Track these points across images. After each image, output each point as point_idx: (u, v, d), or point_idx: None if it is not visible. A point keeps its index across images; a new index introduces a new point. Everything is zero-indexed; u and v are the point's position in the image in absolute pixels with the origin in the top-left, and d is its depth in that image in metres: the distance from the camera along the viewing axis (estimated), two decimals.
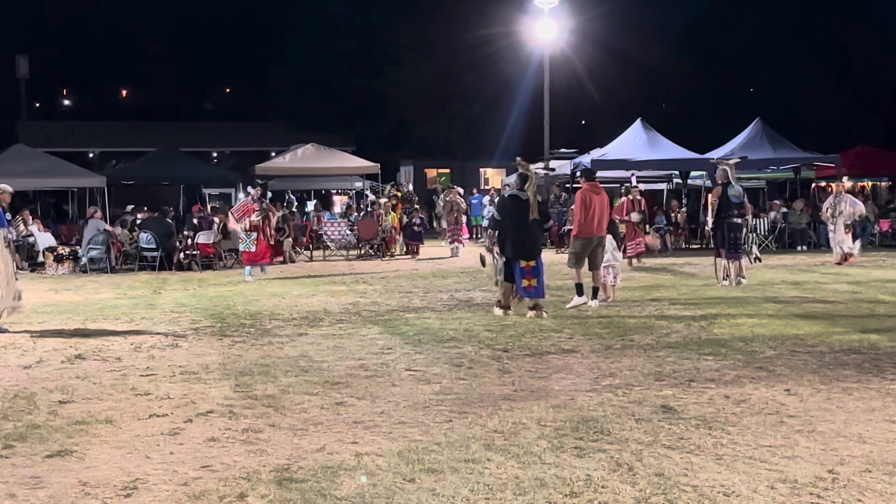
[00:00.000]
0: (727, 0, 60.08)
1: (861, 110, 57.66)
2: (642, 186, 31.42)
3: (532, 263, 13.80)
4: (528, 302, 13.88)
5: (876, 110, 59.50)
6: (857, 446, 6.77)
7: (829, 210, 22.72)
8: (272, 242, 21.76)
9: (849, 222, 22.41)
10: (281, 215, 25.95)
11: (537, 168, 14.73)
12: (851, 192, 26.60)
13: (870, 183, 37.03)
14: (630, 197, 23.74)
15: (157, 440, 7.26)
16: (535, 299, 13.81)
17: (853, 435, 7.06)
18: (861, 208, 23.51)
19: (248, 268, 20.87)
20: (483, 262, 15.58)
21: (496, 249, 14.47)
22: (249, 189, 22.05)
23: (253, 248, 20.70)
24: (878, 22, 63.08)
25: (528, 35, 36.67)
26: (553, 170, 31.19)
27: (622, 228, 22.00)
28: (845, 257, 22.05)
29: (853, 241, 22.61)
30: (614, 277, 15.67)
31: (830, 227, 22.72)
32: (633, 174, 29.31)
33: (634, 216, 23.14)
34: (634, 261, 22.61)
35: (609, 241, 15.57)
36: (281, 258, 25.05)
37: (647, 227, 24.32)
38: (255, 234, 20.66)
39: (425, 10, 54.02)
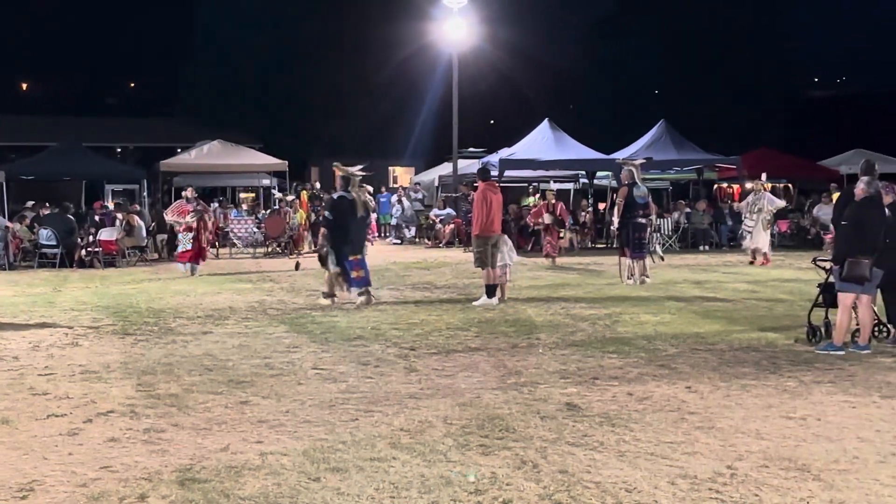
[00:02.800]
0: (631, 4, 60.99)
1: (762, 113, 59.01)
2: (546, 186, 31.75)
3: (359, 256, 15.12)
4: (356, 291, 14.98)
5: (776, 114, 61.00)
6: (754, 442, 6.92)
7: (749, 207, 23.02)
8: (205, 244, 21.63)
9: (769, 219, 22.76)
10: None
11: (355, 169, 15.54)
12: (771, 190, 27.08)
13: (769, 185, 37.84)
14: (546, 200, 24.01)
15: (55, 441, 7.10)
16: (364, 287, 15.02)
17: (751, 431, 7.23)
18: (780, 203, 23.99)
19: (181, 264, 20.97)
20: (302, 265, 16.00)
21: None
22: (184, 192, 22.31)
23: (189, 248, 20.73)
24: (779, 29, 64.75)
25: (438, 34, 36.72)
26: (368, 171, 31.13)
27: (538, 228, 22.40)
28: (763, 257, 22.34)
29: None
30: (507, 276, 15.76)
31: (749, 224, 22.95)
32: (552, 180, 29.60)
33: (546, 217, 23.38)
34: (556, 260, 22.84)
35: (504, 240, 15.70)
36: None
37: (562, 229, 24.57)
38: (191, 234, 20.72)
39: (334, 7, 53.75)
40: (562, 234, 24.41)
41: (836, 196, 20.45)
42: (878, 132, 52.08)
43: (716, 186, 36.30)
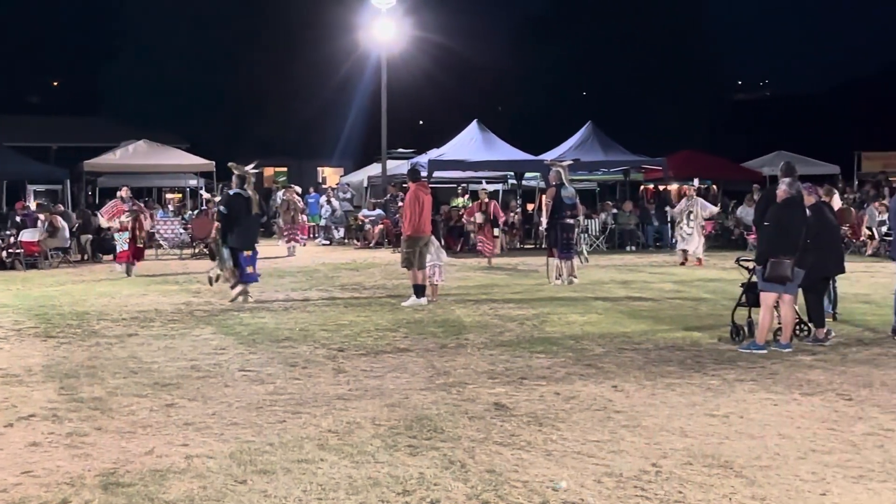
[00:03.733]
0: (560, 6, 61.45)
1: (688, 116, 59.80)
2: (475, 187, 31.89)
3: (250, 252, 15.71)
4: (239, 286, 15.55)
5: (701, 116, 61.87)
6: (679, 440, 7.02)
7: (683, 213, 23.29)
8: (140, 244, 21.36)
9: (702, 224, 23.06)
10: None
11: (250, 168, 15.90)
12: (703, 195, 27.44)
13: (686, 188, 38.35)
14: (479, 200, 24.15)
15: None
16: (248, 284, 15.64)
17: (675, 429, 7.32)
18: (713, 210, 24.33)
19: (118, 265, 20.87)
20: (212, 258, 16.47)
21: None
22: (119, 192, 22.12)
23: (125, 248, 20.65)
24: (704, 33, 65.71)
25: (366, 34, 36.64)
26: (261, 169, 31.06)
27: (470, 228, 22.55)
28: (697, 261, 22.61)
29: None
30: (438, 276, 15.79)
31: (687, 230, 23.20)
32: (482, 179, 29.70)
33: (478, 217, 23.49)
34: (488, 261, 22.93)
35: (433, 240, 15.74)
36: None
37: (495, 228, 24.67)
38: (126, 235, 20.62)
39: (261, 6, 53.32)
40: (496, 233, 24.52)
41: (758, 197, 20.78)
42: (799, 134, 53.14)
43: (642, 187, 36.76)
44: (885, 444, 6.87)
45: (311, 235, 34.33)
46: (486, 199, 24.38)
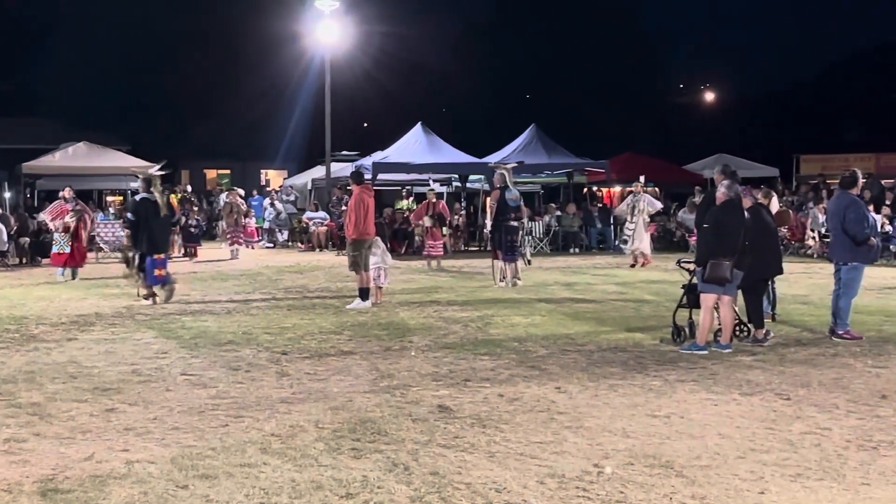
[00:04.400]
0: (502, 10, 61.71)
1: (630, 119, 60.39)
2: (420, 189, 31.89)
3: (161, 255, 15.83)
4: (158, 288, 15.70)
5: (644, 119, 62.48)
6: (621, 440, 7.08)
7: (628, 209, 23.46)
8: (86, 245, 21.09)
9: (647, 220, 23.22)
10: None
11: (154, 170, 16.03)
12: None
13: (632, 186, 38.69)
14: (426, 200, 24.18)
15: None
16: (169, 285, 15.84)
17: (618, 430, 7.38)
18: (658, 206, 24.54)
19: (60, 269, 20.34)
20: (127, 265, 16.42)
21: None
22: (62, 192, 21.92)
23: (67, 250, 20.25)
24: (647, 40, 66.35)
25: (310, 36, 36.50)
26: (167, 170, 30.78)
27: (418, 231, 22.59)
28: (644, 257, 22.80)
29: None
30: (383, 279, 15.77)
31: (630, 227, 23.36)
32: (429, 178, 29.72)
33: (426, 220, 23.51)
34: (433, 263, 22.93)
35: (377, 242, 15.72)
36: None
37: (444, 229, 24.69)
38: (69, 236, 20.26)
39: (204, 7, 52.92)
40: (444, 233, 24.54)
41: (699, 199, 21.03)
42: (740, 137, 53.83)
43: (585, 189, 37.00)
44: (822, 443, 6.98)
45: (257, 238, 34.13)
46: (434, 200, 24.40)
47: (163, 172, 16.23)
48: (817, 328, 12.48)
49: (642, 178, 23.95)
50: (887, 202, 27.21)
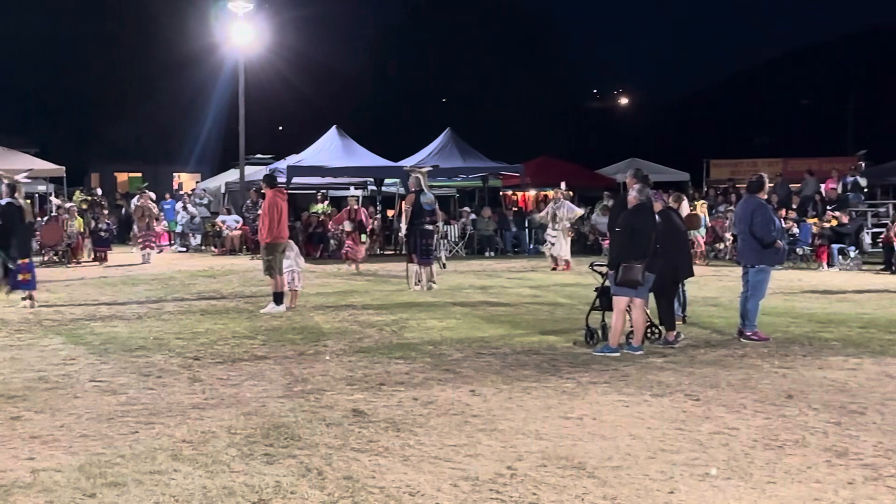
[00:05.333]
0: (416, 15, 61.81)
1: (545, 123, 60.92)
2: (336, 193, 31.79)
3: (27, 261, 15.68)
4: (21, 294, 15.70)
5: (558, 124, 63.10)
6: (534, 442, 7.13)
7: (549, 215, 23.71)
8: None
9: (568, 226, 23.43)
10: None
11: (20, 177, 16.05)
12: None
13: (552, 192, 39.06)
14: (348, 207, 24.13)
15: None
16: (28, 292, 15.72)
17: (531, 432, 7.43)
18: (578, 212, 24.79)
19: None
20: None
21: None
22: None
23: None
24: (562, 45, 66.96)
25: (223, 38, 36.11)
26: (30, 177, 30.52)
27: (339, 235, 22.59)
28: (565, 263, 22.96)
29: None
30: (297, 282, 15.68)
31: (552, 233, 23.60)
32: (352, 187, 29.63)
33: (347, 225, 23.46)
34: (356, 266, 22.87)
35: (290, 246, 15.63)
36: None
37: (363, 235, 24.64)
38: None
39: (115, 7, 52.00)
40: (363, 240, 24.50)
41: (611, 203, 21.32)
42: (652, 142, 54.67)
43: (501, 193, 37.23)
44: (730, 443, 7.11)
45: (169, 242, 33.66)
46: (356, 206, 24.37)
47: (28, 180, 16.00)
48: (726, 330, 12.71)
49: (563, 185, 24.19)
50: (794, 206, 27.85)
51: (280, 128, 58.69)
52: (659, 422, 7.75)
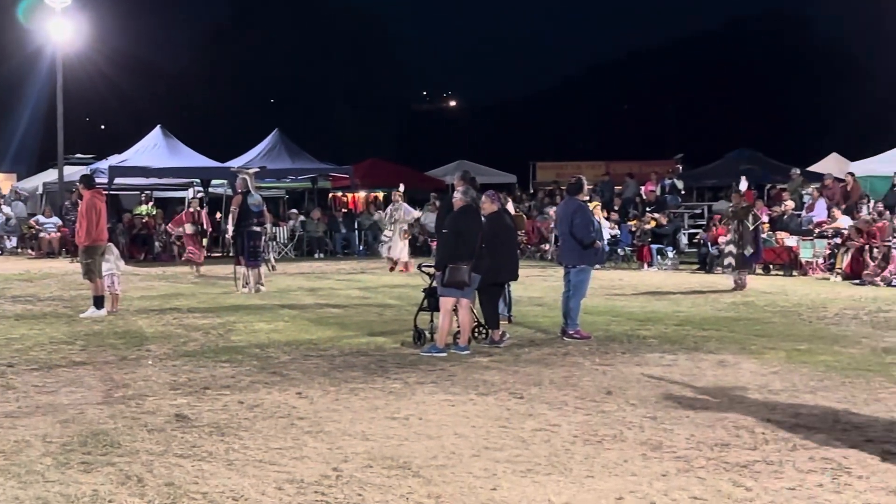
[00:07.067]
0: (240, 14, 61.06)
1: (375, 125, 61.08)
2: (161, 194, 31.09)
3: None
4: None
5: (389, 126, 63.37)
6: (360, 443, 7.13)
7: (387, 217, 23.77)
8: None
9: (405, 228, 23.48)
10: None
11: None
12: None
13: (382, 193, 39.12)
14: (190, 209, 23.66)
15: None
16: None
17: (357, 433, 7.44)
18: (416, 214, 24.91)
19: None
20: None
21: None
22: None
23: None
24: (391, 47, 67.23)
25: (41, 34, 34.82)
26: None
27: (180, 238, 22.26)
28: (403, 266, 22.97)
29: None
30: (117, 285, 15.26)
31: (388, 234, 23.63)
32: (196, 188, 28.99)
33: (188, 227, 22.99)
34: (197, 270, 22.42)
35: (111, 248, 15.22)
36: None
37: (204, 238, 24.19)
38: None
39: None
40: (204, 243, 24.07)
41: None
42: (480, 145, 55.51)
43: (330, 195, 37.13)
44: (552, 439, 7.28)
45: None
46: (198, 208, 23.90)
47: None
48: (550, 329, 12.99)
49: (402, 187, 24.29)
50: (615, 208, 28.72)
51: (102, 127, 56.94)
52: (484, 420, 7.87)
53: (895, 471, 6.36)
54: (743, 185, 19.87)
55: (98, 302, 14.64)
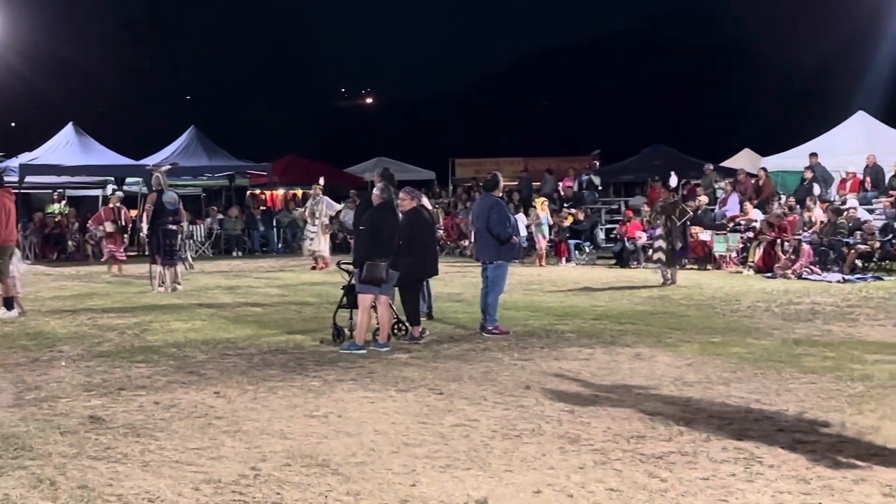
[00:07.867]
0: (156, 9, 60.21)
1: (293, 122, 60.68)
2: (73, 192, 30.53)
3: None
4: None
5: (306, 123, 62.98)
6: (278, 442, 7.09)
7: (308, 212, 23.63)
8: None
9: (327, 222, 23.35)
10: None
11: None
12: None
13: (301, 191, 38.88)
14: (110, 206, 23.28)
15: None
16: None
17: (276, 431, 7.39)
18: (338, 207, 24.83)
19: None
20: None
21: None
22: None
23: None
24: (309, 43, 66.78)
25: None
26: None
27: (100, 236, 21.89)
28: (323, 261, 22.82)
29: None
30: (18, 287, 14.93)
31: (312, 229, 23.48)
32: (109, 185, 28.45)
33: (108, 226, 22.62)
34: (116, 269, 22.05)
35: (13, 250, 14.89)
36: None
37: (125, 236, 23.80)
38: None
39: None
40: (125, 240, 23.71)
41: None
42: (400, 141, 55.44)
43: (248, 192, 36.81)
44: (471, 434, 7.31)
45: None
46: (119, 205, 23.50)
47: None
48: (469, 325, 13.03)
49: (322, 181, 24.19)
50: (533, 203, 28.91)
51: (13, 124, 55.68)
52: (403, 416, 7.87)
53: (805, 459, 6.50)
54: (673, 180, 20.16)
55: (7, 303, 14.36)
